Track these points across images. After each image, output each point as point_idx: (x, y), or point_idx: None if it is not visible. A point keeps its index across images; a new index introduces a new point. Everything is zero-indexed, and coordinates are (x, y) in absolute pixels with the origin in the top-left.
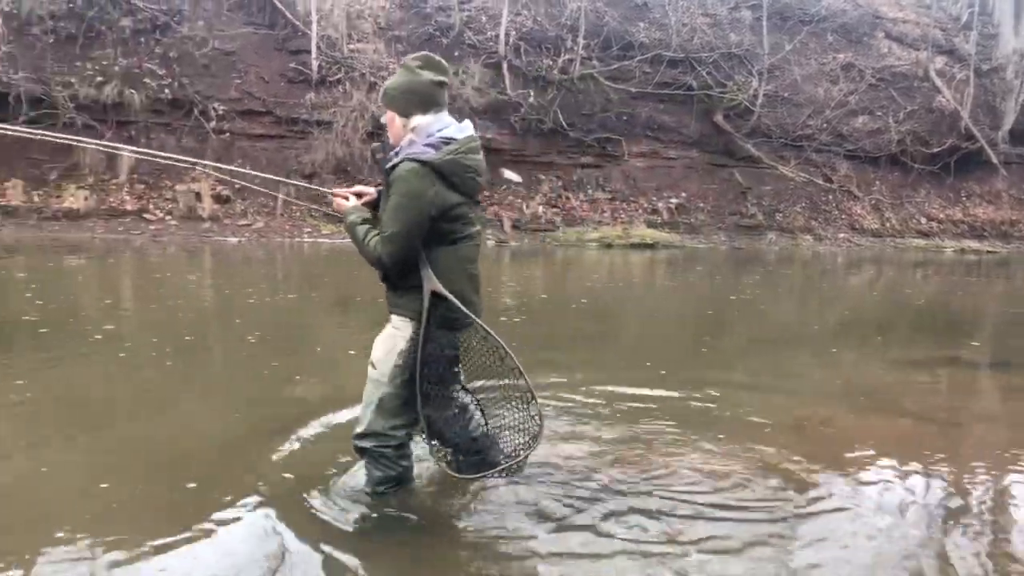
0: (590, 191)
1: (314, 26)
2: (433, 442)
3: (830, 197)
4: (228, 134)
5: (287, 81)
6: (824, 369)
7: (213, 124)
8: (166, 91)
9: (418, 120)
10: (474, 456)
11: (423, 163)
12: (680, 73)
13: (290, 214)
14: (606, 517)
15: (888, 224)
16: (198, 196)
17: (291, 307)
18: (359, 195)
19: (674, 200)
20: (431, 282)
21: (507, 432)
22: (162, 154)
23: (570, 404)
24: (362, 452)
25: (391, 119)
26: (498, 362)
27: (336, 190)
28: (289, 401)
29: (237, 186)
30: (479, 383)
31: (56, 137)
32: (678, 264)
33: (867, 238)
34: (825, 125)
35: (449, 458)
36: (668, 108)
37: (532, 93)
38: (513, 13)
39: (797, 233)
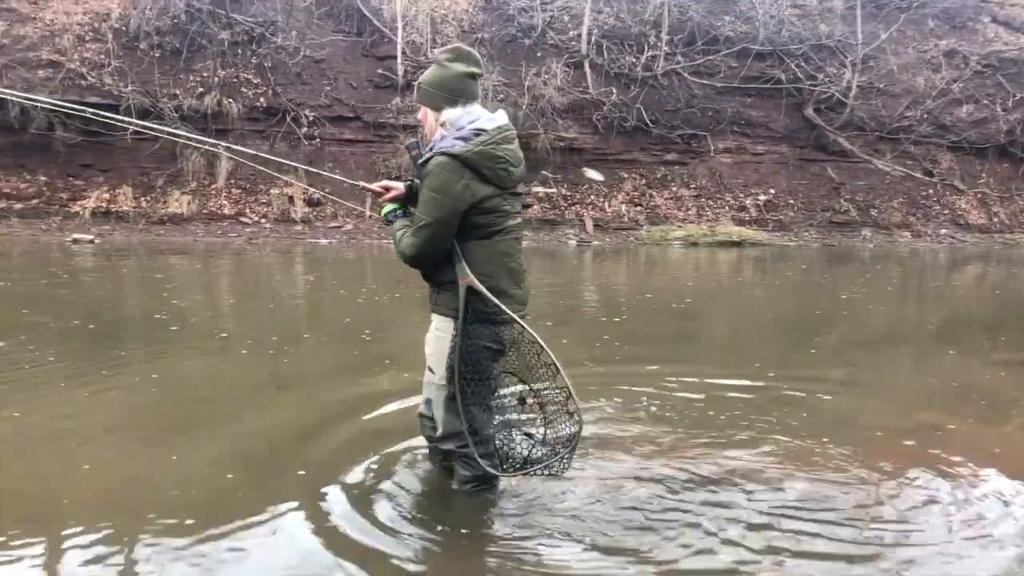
0: (674, 188)
1: (399, 32)
2: (472, 439)
3: (930, 191)
4: (318, 140)
5: (374, 87)
6: (932, 370)
7: (304, 130)
8: (261, 99)
9: (448, 113)
10: (515, 453)
11: (452, 156)
12: (768, 67)
13: (377, 216)
14: (700, 522)
15: (996, 219)
16: (291, 200)
17: (397, 305)
18: (387, 188)
19: (762, 197)
20: (466, 276)
21: (549, 430)
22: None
23: (669, 401)
24: (448, 454)
25: (424, 114)
26: (535, 357)
27: (368, 184)
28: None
29: (328, 189)
30: (524, 386)
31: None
32: (768, 262)
33: (972, 234)
34: (925, 116)
35: (489, 454)
36: (755, 103)
37: (615, 91)
38: (595, 11)
39: (894, 229)
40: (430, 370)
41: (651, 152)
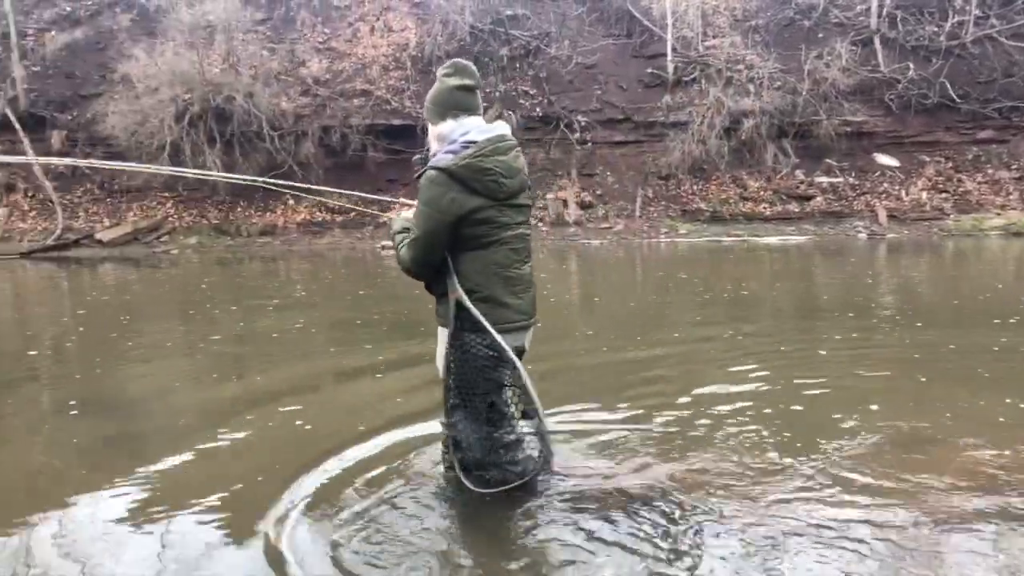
0: (990, 171)
1: (669, 28)
2: (453, 451)
3: None
4: (590, 143)
5: (644, 86)
6: None
7: (577, 135)
8: (537, 109)
9: (441, 127)
10: (484, 471)
11: (440, 170)
12: None
13: (647, 215)
14: None
15: None
16: (564, 203)
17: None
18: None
19: None
20: (455, 291)
21: (519, 449)
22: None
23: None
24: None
25: (429, 130)
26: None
27: (408, 200)
28: None
29: (599, 191)
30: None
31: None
32: None
33: None
34: None
35: (466, 469)
36: None
37: (912, 66)
38: None
39: None
40: (442, 379)
41: (959, 131)
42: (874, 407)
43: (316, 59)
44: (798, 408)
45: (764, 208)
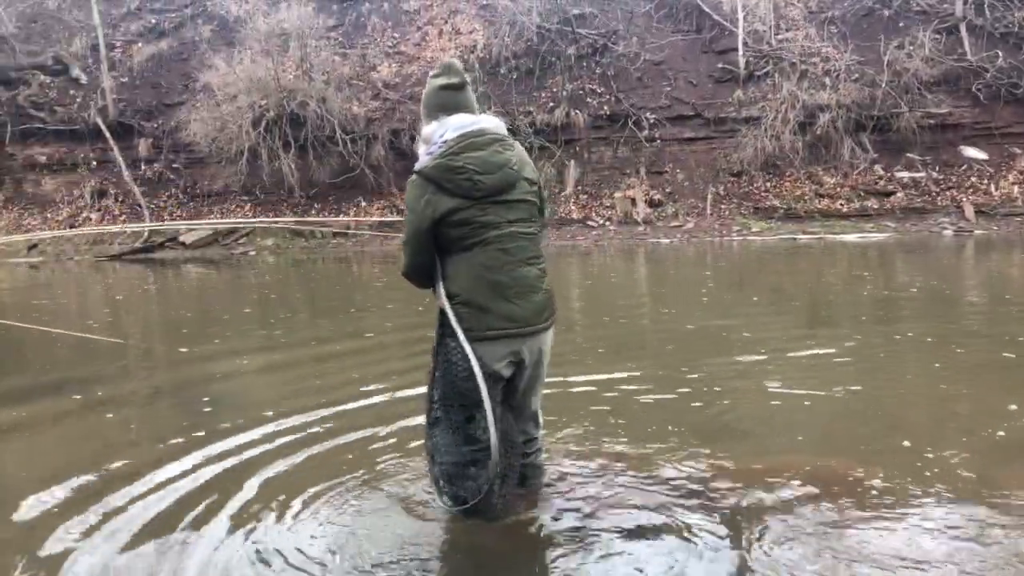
0: None
1: (740, 22)
2: (430, 463)
3: None
4: (659, 141)
5: (714, 82)
6: None
7: (645, 133)
8: (604, 107)
9: (425, 130)
10: (457, 487)
11: (417, 173)
12: None
13: (719, 213)
14: None
15: None
16: (633, 202)
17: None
18: None
19: None
20: (439, 296)
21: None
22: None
23: None
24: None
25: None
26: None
27: None
28: None
29: (668, 189)
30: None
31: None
32: None
33: None
34: None
35: (432, 481)
36: None
37: (1000, 54)
38: None
39: None
40: None
41: None
42: None
43: (386, 63)
44: None
45: (841, 205)
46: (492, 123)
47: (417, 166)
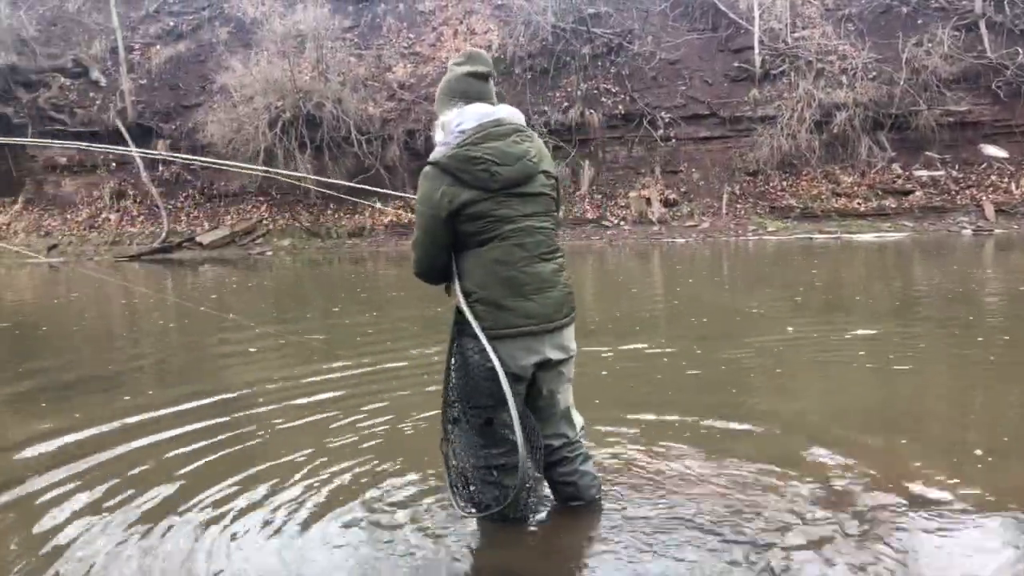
0: None
1: (756, 20)
2: (446, 466)
3: None
4: (674, 140)
5: (730, 81)
6: None
7: (660, 132)
8: (619, 107)
9: (443, 118)
10: (474, 491)
11: (432, 164)
12: None
13: (734, 213)
14: None
15: None
16: (648, 201)
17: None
18: None
19: None
20: (455, 294)
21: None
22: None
23: None
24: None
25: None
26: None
27: None
28: None
29: (683, 189)
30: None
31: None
32: None
33: None
34: None
35: (449, 485)
36: None
37: (1021, 51)
38: None
39: None
40: None
41: None
42: None
43: (401, 64)
44: None
45: (858, 204)
46: (510, 113)
47: (432, 157)
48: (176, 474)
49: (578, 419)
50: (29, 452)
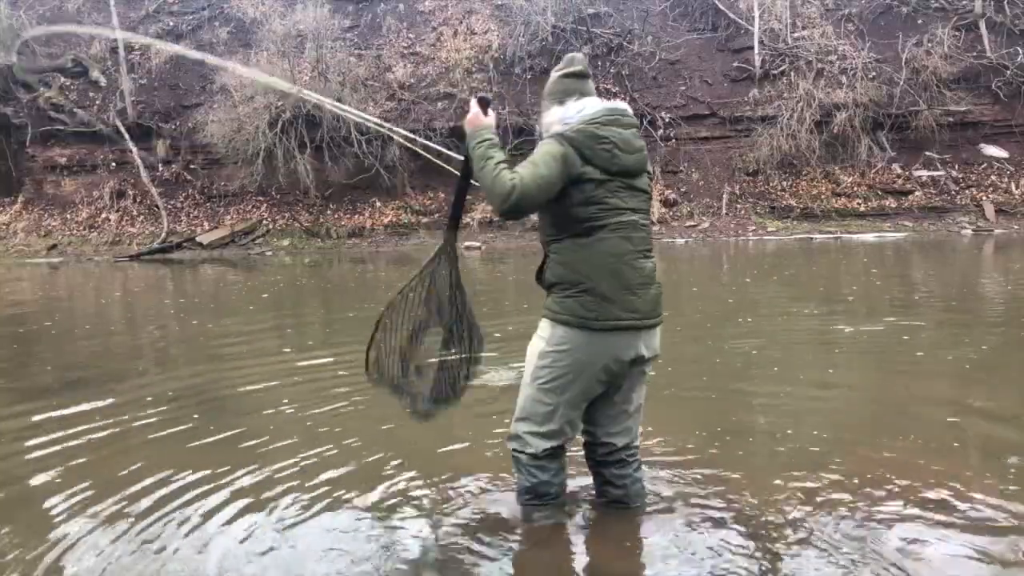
0: None
1: (756, 21)
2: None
3: None
4: (674, 140)
5: (730, 81)
6: None
7: (660, 132)
8: None
9: (554, 112)
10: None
11: (557, 135)
12: None
13: (734, 213)
14: None
15: None
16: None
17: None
18: (484, 105)
19: None
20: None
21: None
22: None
23: None
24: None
25: (542, 124)
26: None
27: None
28: None
29: (683, 189)
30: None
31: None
32: None
33: None
34: None
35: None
36: None
37: (1021, 51)
38: None
39: None
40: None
41: None
42: None
43: (401, 64)
44: None
45: (858, 204)
46: (628, 109)
47: (554, 131)
48: (176, 474)
49: (638, 425)
50: (29, 451)
